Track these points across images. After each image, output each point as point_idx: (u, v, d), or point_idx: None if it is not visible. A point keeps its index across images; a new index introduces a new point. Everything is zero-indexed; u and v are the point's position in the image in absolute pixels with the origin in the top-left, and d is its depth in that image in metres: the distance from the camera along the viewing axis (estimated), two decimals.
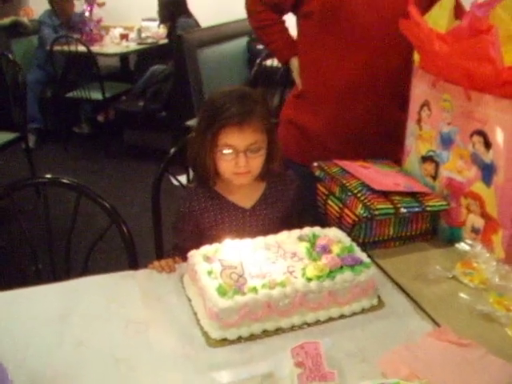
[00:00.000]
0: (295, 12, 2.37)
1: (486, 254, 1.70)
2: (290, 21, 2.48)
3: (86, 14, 6.39)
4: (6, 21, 6.30)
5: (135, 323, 1.52)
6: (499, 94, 1.64)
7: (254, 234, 1.73)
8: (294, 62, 2.47)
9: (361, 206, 1.82)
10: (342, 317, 1.54)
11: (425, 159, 2.01)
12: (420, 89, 2.00)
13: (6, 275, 2.09)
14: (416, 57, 2.00)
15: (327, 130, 2.37)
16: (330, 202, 1.99)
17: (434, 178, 1.97)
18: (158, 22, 6.36)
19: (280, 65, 4.59)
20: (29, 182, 2.17)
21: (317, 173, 2.07)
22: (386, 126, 2.34)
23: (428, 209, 1.84)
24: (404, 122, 2.15)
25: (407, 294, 1.65)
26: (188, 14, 5.89)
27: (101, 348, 1.43)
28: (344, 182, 1.92)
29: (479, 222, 1.81)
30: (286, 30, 2.50)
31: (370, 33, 2.20)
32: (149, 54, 6.47)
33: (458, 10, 2.01)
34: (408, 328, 1.50)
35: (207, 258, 1.58)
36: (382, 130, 2.34)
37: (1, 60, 5.24)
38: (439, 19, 1.91)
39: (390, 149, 2.27)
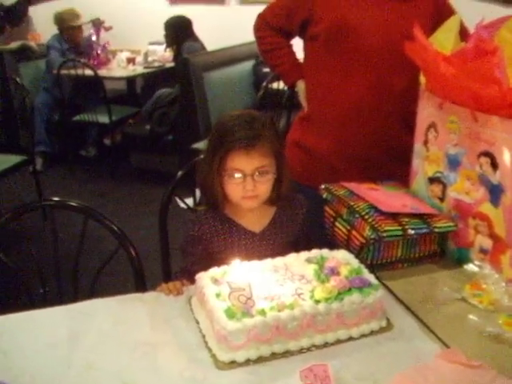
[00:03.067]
0: (302, 35, 2.40)
1: (495, 275, 1.69)
2: (297, 45, 2.50)
3: (93, 37, 6.44)
4: (15, 45, 6.36)
5: (143, 346, 1.51)
6: (506, 115, 1.65)
7: (263, 257, 1.72)
8: (301, 85, 2.49)
9: (368, 227, 1.82)
10: (350, 339, 1.53)
11: (432, 180, 2.01)
12: (427, 111, 2.00)
13: (13, 297, 2.09)
14: (422, 79, 2.01)
15: (333, 151, 2.38)
16: (337, 224, 1.99)
17: (442, 199, 1.97)
18: (164, 46, 6.39)
19: (286, 88, 4.64)
20: (37, 205, 2.18)
21: (324, 195, 2.07)
22: (392, 148, 2.34)
23: (436, 230, 1.84)
24: (410, 144, 2.15)
25: (416, 316, 1.64)
26: (194, 38, 5.92)
27: (108, 371, 1.42)
28: (351, 203, 1.92)
29: (487, 243, 1.80)
30: (292, 53, 2.53)
31: (376, 55, 2.22)
32: (155, 77, 6.50)
33: (464, 32, 2.02)
34: (417, 350, 1.49)
35: (215, 281, 1.57)
36: (388, 151, 2.35)
37: (9, 84, 5.29)
38: (444, 41, 1.92)
39: (396, 170, 2.26)
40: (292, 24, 2.39)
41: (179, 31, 5.87)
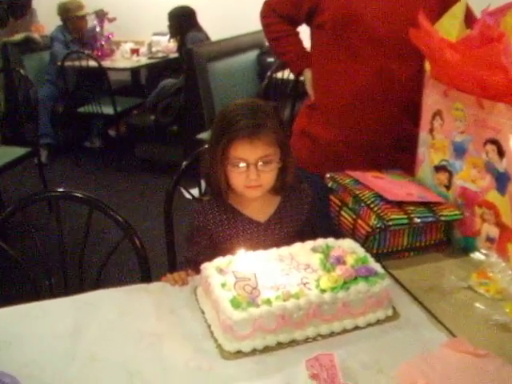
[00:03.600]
0: (309, 23, 2.40)
1: (502, 264, 1.68)
2: (305, 32, 2.49)
3: (97, 29, 6.43)
4: (18, 37, 6.35)
5: (148, 336, 1.51)
6: None
7: (268, 247, 1.71)
8: (307, 74, 2.49)
9: (374, 216, 1.81)
10: (356, 328, 1.53)
11: (438, 169, 2.00)
12: (432, 98, 1.99)
13: (19, 289, 2.09)
14: (427, 66, 1.99)
15: (339, 139, 2.38)
16: (343, 213, 1.98)
17: (448, 187, 1.96)
18: (168, 37, 6.39)
19: (291, 77, 4.64)
20: (41, 196, 2.17)
21: (330, 184, 2.06)
22: (397, 136, 2.33)
23: (442, 218, 1.83)
24: (415, 132, 2.14)
25: (422, 305, 1.63)
26: (198, 28, 5.91)
27: (114, 361, 1.42)
28: (357, 192, 1.92)
29: (494, 231, 1.79)
30: (299, 41, 2.52)
31: (381, 44, 2.21)
32: (159, 68, 6.50)
33: (469, 18, 2.00)
34: (423, 339, 1.49)
35: (220, 270, 1.57)
36: (394, 140, 2.34)
37: (13, 76, 5.29)
38: (450, 28, 1.90)
39: (402, 158, 2.26)
40: (299, 12, 2.38)
41: (183, 21, 5.86)
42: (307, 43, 2.51)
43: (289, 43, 2.52)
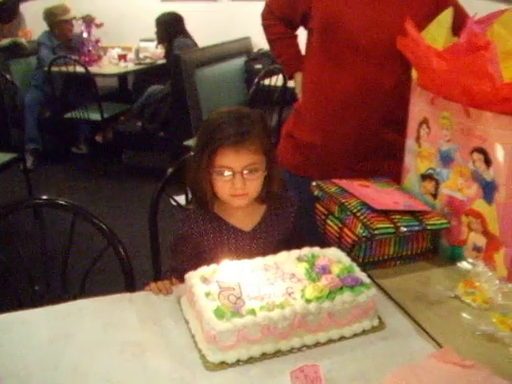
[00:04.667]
0: (305, 27, 2.43)
1: (489, 273, 1.67)
2: (303, 35, 2.51)
3: (85, 34, 6.40)
4: (5, 42, 6.32)
5: (131, 346, 1.49)
6: (498, 110, 1.63)
7: (253, 256, 1.70)
8: (298, 77, 2.52)
9: (360, 225, 1.80)
10: (342, 338, 1.51)
11: (424, 177, 1.99)
12: (419, 106, 1.99)
13: (1, 297, 2.06)
14: (414, 74, 1.99)
15: (321, 144, 2.39)
16: (329, 221, 1.97)
17: (434, 196, 1.95)
18: (155, 43, 6.37)
19: (278, 84, 4.64)
20: (25, 204, 2.15)
21: (315, 192, 2.05)
22: (378, 144, 2.34)
23: (428, 227, 1.82)
24: (397, 140, 2.16)
25: (408, 315, 1.62)
26: (185, 34, 5.91)
27: (96, 372, 1.40)
28: (343, 201, 1.90)
29: (481, 241, 1.79)
30: (295, 44, 2.55)
31: (366, 52, 2.22)
32: (147, 74, 6.48)
33: (459, 21, 1.98)
34: (410, 349, 1.48)
35: (205, 280, 1.55)
36: (375, 147, 2.35)
37: None
38: (437, 36, 1.91)
39: (385, 165, 2.28)
40: (294, 14, 2.41)
41: (170, 28, 5.85)
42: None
43: (284, 46, 2.55)
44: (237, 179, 1.75)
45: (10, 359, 1.45)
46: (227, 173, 1.75)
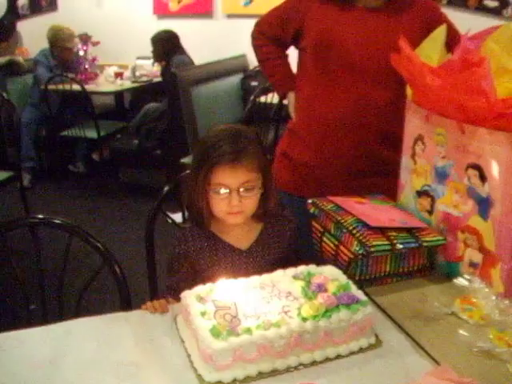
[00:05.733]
0: (296, 46, 2.44)
1: (485, 289, 1.67)
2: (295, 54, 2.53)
3: (81, 52, 6.43)
4: (2, 60, 6.34)
5: (127, 366, 1.48)
6: (493, 126, 1.63)
7: (250, 275, 1.69)
8: (291, 96, 2.53)
9: (356, 242, 1.79)
10: (338, 357, 1.50)
11: (420, 194, 1.99)
12: (413, 123, 1.99)
13: None
14: (409, 91, 1.99)
15: (315, 163, 2.40)
16: (325, 239, 1.96)
17: (430, 212, 1.95)
18: (152, 61, 6.39)
19: (274, 101, 4.65)
20: (20, 223, 2.15)
21: (311, 210, 2.05)
22: (374, 162, 2.35)
23: (424, 244, 1.82)
24: (392, 158, 2.16)
25: (405, 332, 1.62)
26: (182, 52, 5.92)
27: None
28: (339, 218, 1.90)
29: (477, 257, 1.78)
30: (286, 64, 2.56)
31: (360, 70, 2.23)
32: (143, 92, 6.50)
33: (452, 39, 1.99)
34: (407, 367, 1.47)
35: (200, 299, 1.55)
36: (371, 165, 2.36)
37: None
38: (431, 53, 1.91)
39: (380, 183, 2.28)
40: (286, 34, 2.42)
41: (168, 45, 5.87)
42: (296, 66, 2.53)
43: (276, 65, 2.55)
44: (233, 197, 1.75)
45: (4, 378, 1.44)
46: (223, 190, 1.75)
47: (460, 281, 1.76)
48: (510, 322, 1.57)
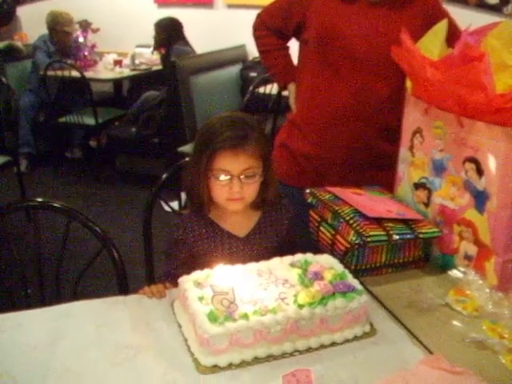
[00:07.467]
0: (297, 38, 2.45)
1: (479, 281, 1.69)
2: (295, 48, 2.53)
3: (81, 39, 6.40)
4: (1, 45, 6.31)
5: (124, 349, 1.50)
6: (491, 121, 1.65)
7: (247, 262, 1.70)
8: (291, 87, 2.54)
9: (353, 232, 1.81)
10: (333, 344, 1.52)
11: (417, 186, 2.01)
12: (412, 116, 2.00)
13: None
14: (408, 84, 2.01)
15: (314, 154, 2.41)
16: (322, 228, 1.98)
17: (427, 204, 1.97)
18: (151, 49, 6.37)
19: (273, 92, 4.65)
20: (19, 206, 2.15)
21: (309, 199, 2.06)
22: (373, 155, 2.36)
23: (420, 236, 1.84)
24: (391, 152, 2.18)
25: (399, 321, 1.64)
26: (185, 41, 5.89)
27: (89, 374, 1.41)
28: (336, 208, 1.92)
29: (472, 249, 1.80)
30: (287, 55, 2.57)
31: (361, 62, 2.24)
32: (142, 80, 6.48)
33: (453, 35, 2.00)
34: (401, 355, 1.49)
35: (198, 284, 1.56)
36: (370, 158, 2.37)
37: None
38: (431, 46, 1.92)
39: (378, 175, 2.30)
40: (288, 26, 2.42)
41: (170, 32, 5.83)
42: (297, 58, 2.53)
43: (277, 57, 2.56)
44: (234, 183, 1.76)
45: (2, 360, 1.46)
46: (225, 176, 1.76)
47: (454, 273, 1.78)
48: (503, 314, 1.59)
